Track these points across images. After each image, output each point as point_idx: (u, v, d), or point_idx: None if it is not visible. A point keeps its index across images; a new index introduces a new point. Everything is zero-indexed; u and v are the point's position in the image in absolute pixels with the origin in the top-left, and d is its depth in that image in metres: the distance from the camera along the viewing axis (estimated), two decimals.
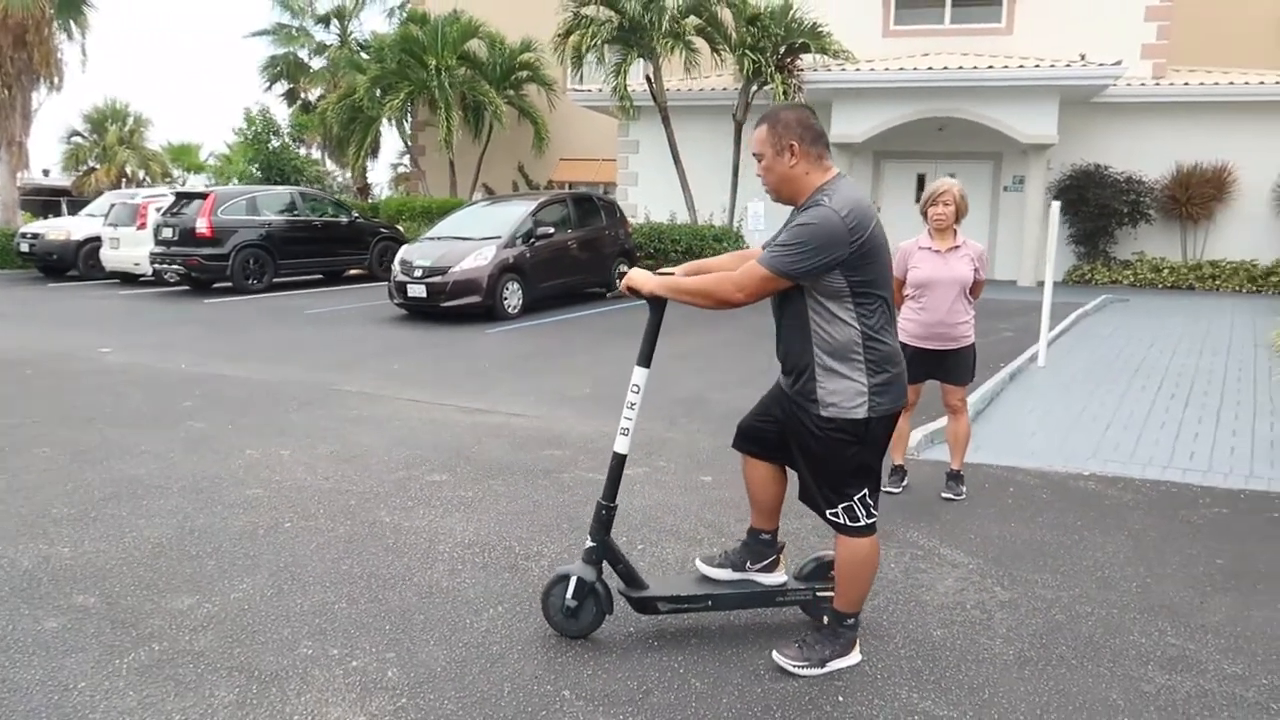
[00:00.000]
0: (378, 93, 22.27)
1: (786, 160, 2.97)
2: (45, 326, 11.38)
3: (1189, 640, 3.45)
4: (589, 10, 16.97)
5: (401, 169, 32.70)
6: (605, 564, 3.33)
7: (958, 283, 4.96)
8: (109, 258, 16.81)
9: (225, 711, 2.86)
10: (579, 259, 13.54)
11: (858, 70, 16.53)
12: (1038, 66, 15.57)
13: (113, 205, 17.74)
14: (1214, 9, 19.17)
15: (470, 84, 22.57)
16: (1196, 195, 16.46)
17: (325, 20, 29.61)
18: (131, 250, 16.30)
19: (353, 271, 17.47)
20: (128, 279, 16.87)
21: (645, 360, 3.25)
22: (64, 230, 18.41)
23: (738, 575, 3.48)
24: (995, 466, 5.71)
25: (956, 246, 5.01)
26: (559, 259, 13.08)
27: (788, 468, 3.38)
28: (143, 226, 16.19)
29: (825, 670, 3.16)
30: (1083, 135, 16.97)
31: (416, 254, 12.31)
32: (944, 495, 5.10)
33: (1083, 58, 15.58)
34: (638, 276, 3.19)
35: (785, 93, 15.79)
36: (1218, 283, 16.42)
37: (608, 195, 16.57)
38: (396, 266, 12.38)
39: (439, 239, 12.82)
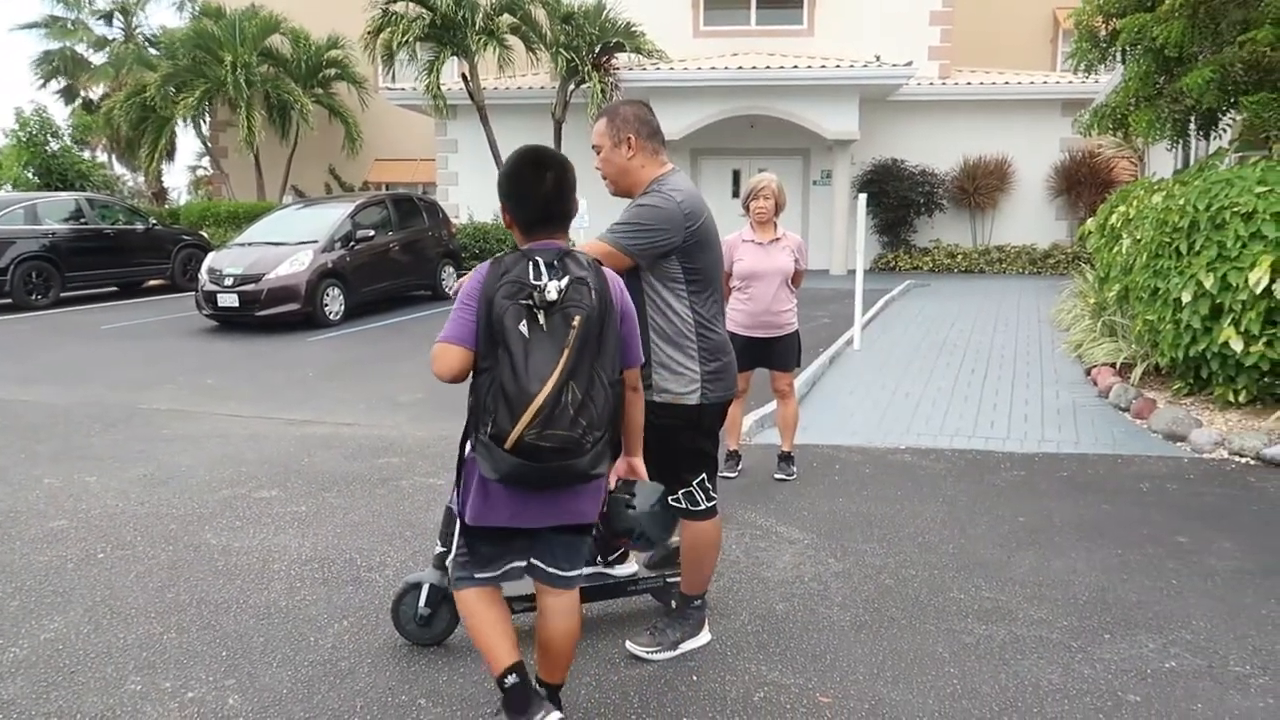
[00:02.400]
0: (170, 91, 20.87)
1: (624, 152, 3.05)
2: None
3: (1000, 592, 3.77)
4: (399, 7, 16.55)
5: (202, 172, 30.81)
6: None
7: (780, 273, 5.18)
8: None
9: None
10: (402, 262, 13.20)
11: (671, 69, 16.93)
12: (838, 67, 16.45)
13: None
14: (990, 15, 20.84)
15: (274, 82, 21.51)
16: (982, 186, 17.87)
17: (107, 14, 27.45)
18: None
19: (153, 282, 16.34)
20: None
21: None
22: None
23: (590, 570, 3.52)
24: (822, 446, 6.01)
25: (778, 239, 5.24)
26: (381, 262, 12.70)
27: None
28: None
29: (678, 652, 3.25)
30: (881, 131, 18.06)
31: (226, 261, 11.64)
32: (776, 476, 5.33)
33: (878, 59, 16.58)
34: None
35: (603, 91, 15.98)
36: (1004, 265, 17.87)
37: (428, 196, 16.21)
38: (204, 275, 11.67)
39: (250, 245, 12.17)
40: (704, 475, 3.16)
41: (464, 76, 17.06)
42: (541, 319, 2.24)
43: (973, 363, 8.70)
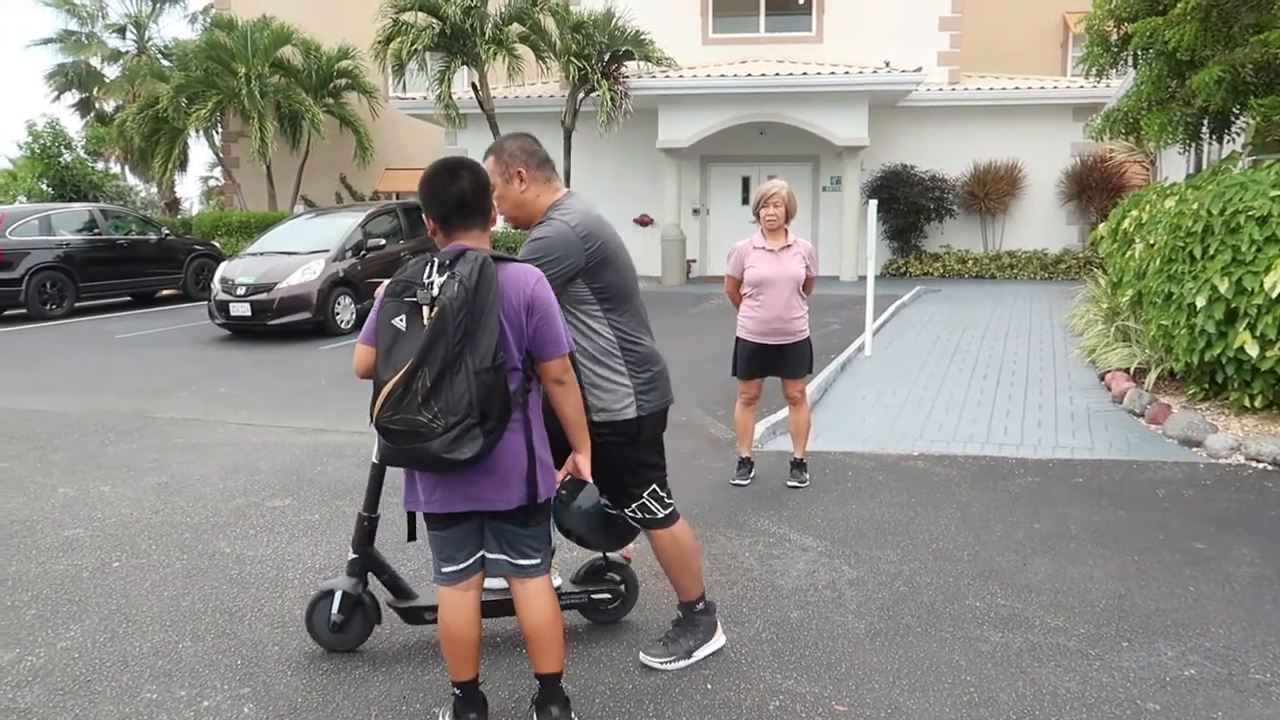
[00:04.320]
0: (183, 102, 20.99)
1: (517, 186, 3.06)
2: None
3: (1016, 600, 3.74)
4: (409, 17, 16.63)
5: (214, 182, 31.00)
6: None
7: (792, 279, 5.18)
8: None
9: None
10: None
11: (680, 77, 16.96)
12: (847, 73, 16.44)
13: None
14: (999, 20, 20.80)
15: (285, 93, 21.63)
16: (992, 191, 17.82)
17: (120, 28, 27.66)
18: None
19: (166, 292, 16.42)
20: None
21: None
22: None
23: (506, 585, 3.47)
24: (834, 453, 5.99)
25: (789, 245, 5.23)
26: (392, 271, 12.66)
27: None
28: None
29: (693, 660, 3.24)
30: (891, 137, 18.04)
31: (238, 270, 11.69)
32: (789, 483, 5.31)
33: (887, 65, 16.56)
34: None
35: (612, 99, 16.00)
36: (1015, 271, 17.80)
37: None
38: (216, 284, 11.73)
39: (262, 254, 12.23)
40: (654, 486, 3.18)
41: (474, 85, 17.12)
42: (424, 314, 2.38)
43: (985, 368, 8.66)
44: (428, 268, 2.43)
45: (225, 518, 4.84)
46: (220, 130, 23.86)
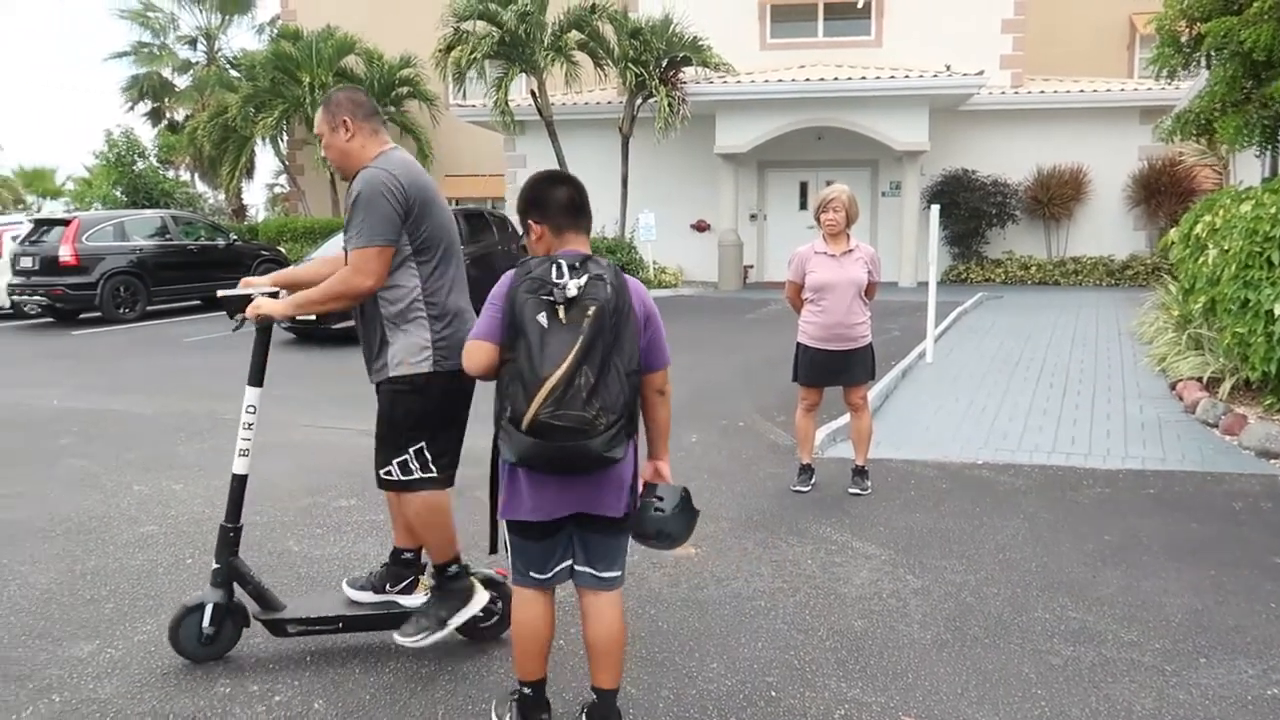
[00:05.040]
0: (251, 111, 21.54)
1: (343, 135, 3.14)
2: None
3: (1087, 613, 3.66)
4: (469, 25, 16.84)
5: (279, 189, 31.69)
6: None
7: (854, 285, 5.13)
8: None
9: None
10: (473, 275, 13.13)
11: (738, 82, 16.92)
12: (907, 77, 16.27)
13: None
14: (1064, 23, 20.40)
15: None
16: (1057, 196, 17.47)
17: (191, 40, 28.46)
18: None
19: None
20: None
21: (258, 379, 3.30)
22: None
23: (379, 597, 3.43)
24: (896, 460, 5.91)
25: (851, 250, 5.19)
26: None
27: None
28: None
29: (449, 629, 3.19)
30: (952, 141, 17.79)
31: None
32: (851, 490, 5.26)
33: (948, 68, 16.36)
34: (266, 305, 3.19)
35: (670, 105, 16.02)
36: (1080, 277, 17.42)
37: (497, 211, 16.44)
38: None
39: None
40: (423, 444, 3.13)
41: (532, 93, 17.28)
42: (561, 313, 2.38)
43: (1050, 376, 8.49)
44: (554, 269, 2.43)
45: (293, 517, 4.95)
46: (286, 138, 24.41)
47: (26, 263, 14.05)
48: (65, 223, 14.42)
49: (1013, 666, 3.23)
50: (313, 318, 11.44)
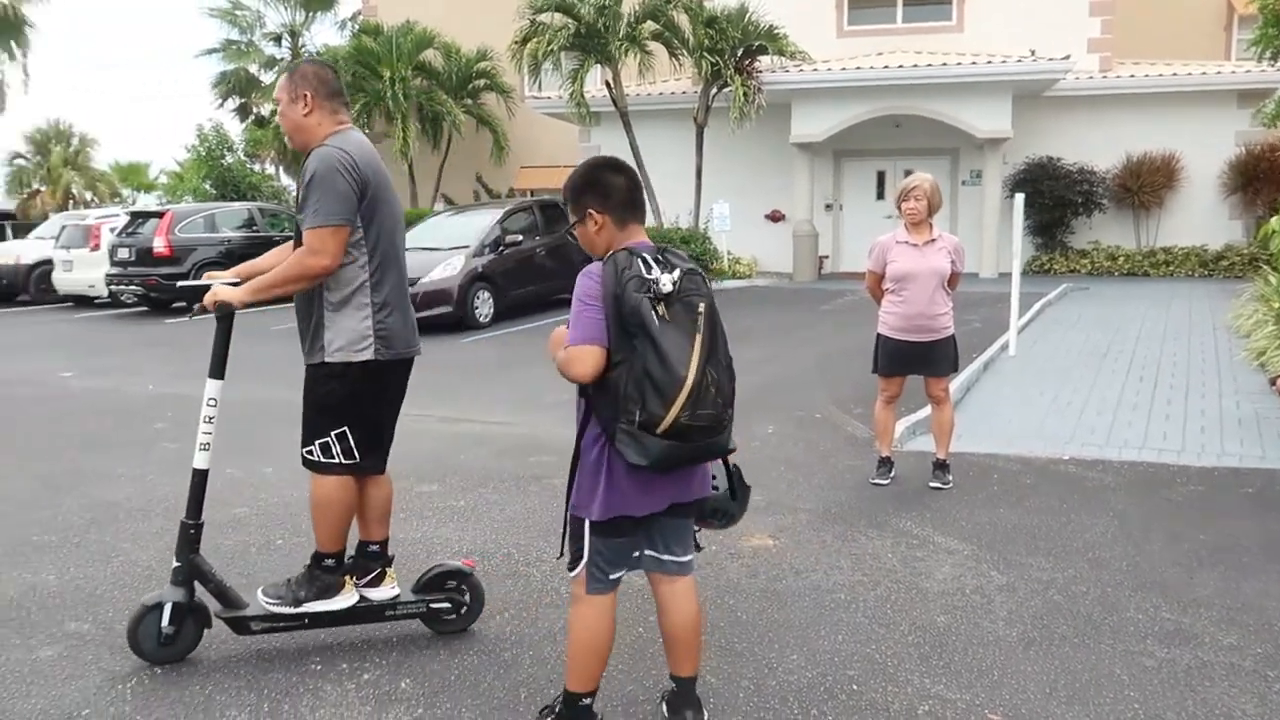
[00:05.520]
0: None
1: (300, 108, 3.11)
2: (1, 353, 11.11)
3: (1183, 615, 3.53)
4: (545, 17, 16.96)
5: None
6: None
7: (936, 275, 5.04)
8: (62, 281, 16.43)
9: None
10: (548, 266, 13.50)
11: (815, 70, 16.72)
12: (990, 63, 15.85)
13: (64, 227, 17.37)
14: (1156, 3, 19.64)
15: (427, 94, 22.42)
16: (1147, 184, 16.85)
17: (277, 37, 29.24)
18: (86, 272, 15.92)
19: None
20: (82, 302, 16.49)
21: (219, 371, 3.29)
22: (13, 254, 18.00)
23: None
24: (978, 454, 5.79)
25: (933, 240, 5.09)
26: (528, 266, 13.04)
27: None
28: (96, 248, 15.86)
29: (301, 610, 3.20)
30: (1035, 129, 17.28)
31: None
32: (931, 484, 5.17)
33: (1033, 53, 15.89)
34: (224, 292, 3.19)
35: (745, 94, 15.90)
36: (1171, 268, 16.80)
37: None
38: None
39: (405, 250, 12.70)
40: (345, 429, 3.13)
41: (607, 84, 17.33)
42: (662, 309, 2.32)
43: (1140, 370, 8.21)
44: (642, 264, 2.37)
45: None
46: (366, 131, 24.91)
47: (123, 254, 14.63)
48: (159, 215, 14.97)
49: (1104, 667, 3.14)
50: None
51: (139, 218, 15.29)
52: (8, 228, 28.92)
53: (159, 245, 14.32)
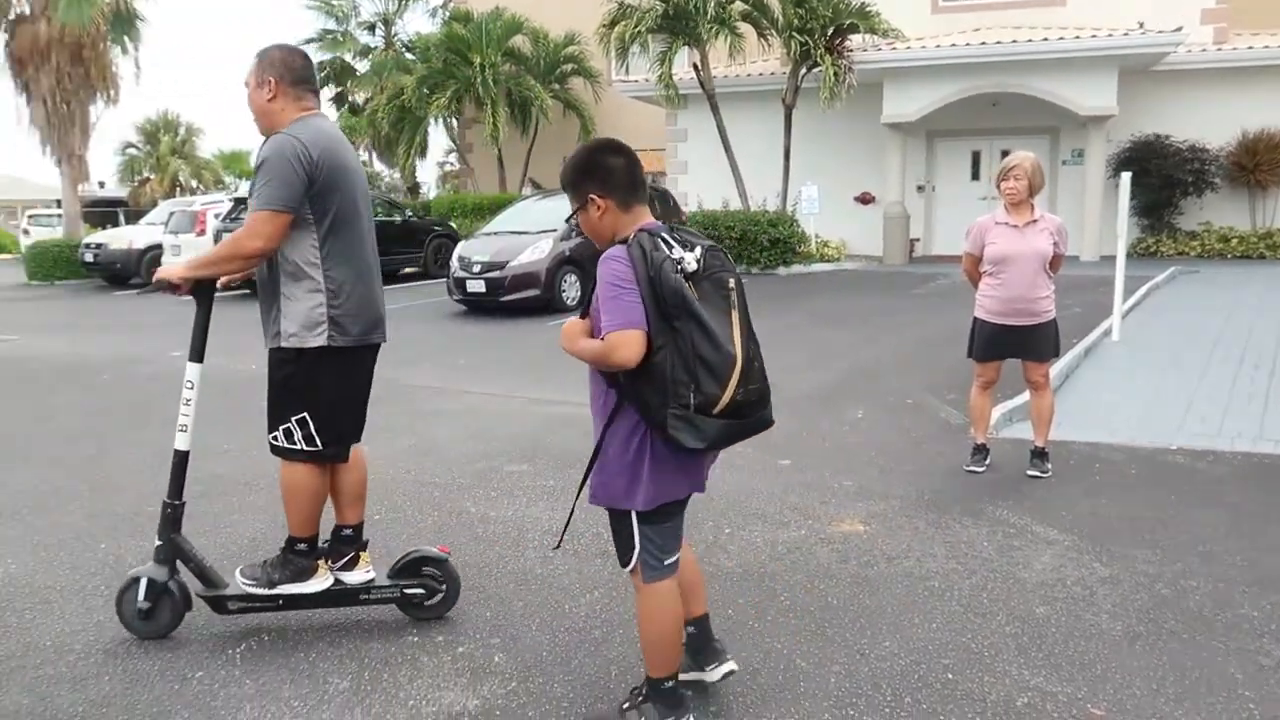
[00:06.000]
0: (425, 92, 22.46)
1: (264, 93, 3.15)
2: (115, 333, 11.68)
3: None
4: (633, 0, 16.92)
5: (449, 167, 33.01)
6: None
7: (1038, 257, 4.88)
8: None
9: (340, 698, 2.92)
10: None
11: (908, 48, 16.31)
12: (1094, 36, 15.21)
13: (172, 213, 18.15)
14: None
15: (515, 80, 22.68)
16: (1265, 162, 15.96)
17: (371, 25, 29.92)
18: (191, 257, 16.56)
19: (408, 270, 17.67)
20: None
21: (198, 355, 3.28)
22: (126, 240, 18.87)
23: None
24: (1078, 443, 5.60)
25: (1034, 221, 4.93)
26: None
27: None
28: (202, 233, 16.53)
29: (275, 592, 3.26)
30: (1142, 105, 16.53)
31: (474, 250, 12.42)
32: (1029, 473, 5.02)
33: (1141, 26, 15.18)
34: (167, 269, 3.23)
35: (835, 74, 15.60)
36: None
37: (659, 184, 16.54)
38: (454, 263, 12.50)
39: (495, 234, 12.92)
40: (305, 415, 3.15)
41: (695, 66, 17.22)
42: (691, 289, 2.31)
43: (1256, 357, 7.80)
44: (663, 244, 2.34)
45: (469, 480, 5.17)
46: (457, 117, 25.33)
47: (226, 238, 15.18)
48: None
49: (1216, 665, 3.01)
50: (483, 289, 11.88)
51: (242, 204, 15.85)
52: (120, 214, 30.37)
53: None
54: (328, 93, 30.99)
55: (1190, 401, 6.46)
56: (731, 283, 2.37)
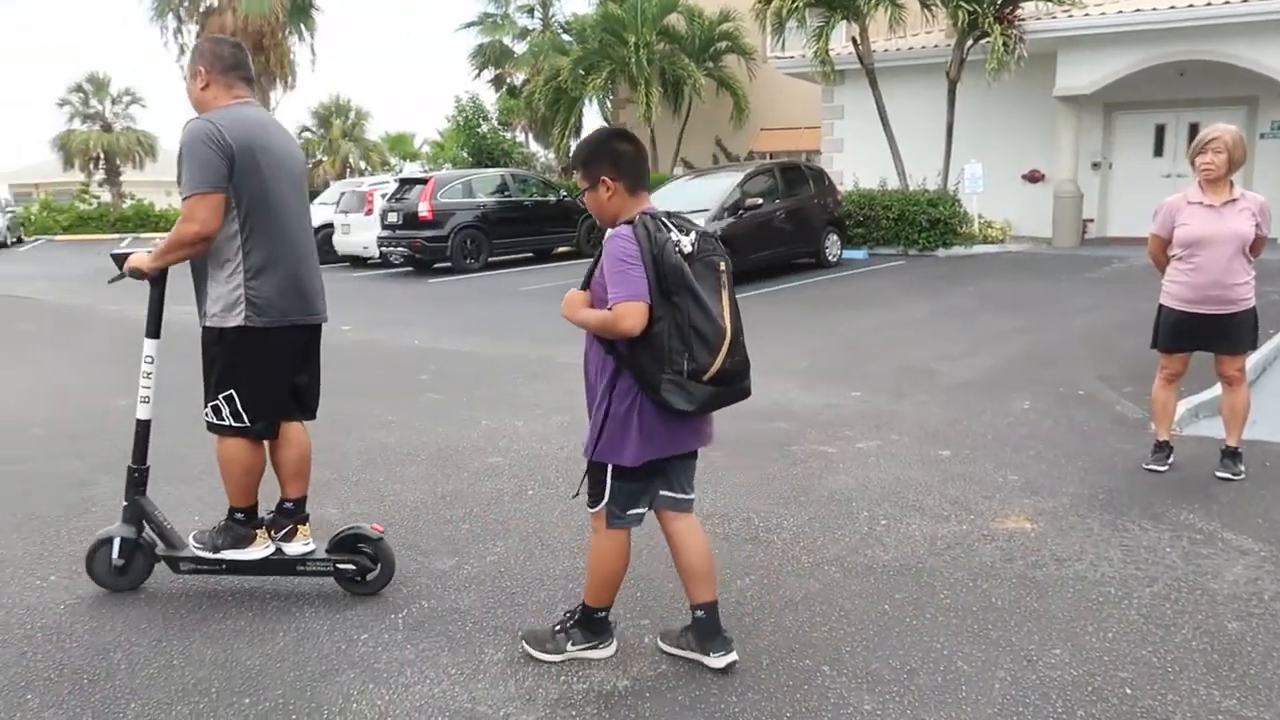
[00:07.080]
0: (580, 73, 22.74)
1: (198, 84, 3.25)
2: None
3: None
4: None
5: None
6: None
7: (1236, 239, 4.48)
8: (340, 243, 18.01)
9: (495, 669, 2.99)
10: (787, 229, 13.28)
11: (1086, 15, 15.29)
12: None
13: (342, 194, 19.06)
14: None
15: (669, 59, 22.66)
16: None
17: (529, 8, 30.52)
18: (360, 235, 17.36)
19: (561, 249, 17.98)
20: (357, 262, 18.02)
21: (155, 331, 3.42)
22: None
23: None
24: (1275, 444, 5.13)
25: (1233, 200, 4.52)
26: (767, 230, 12.88)
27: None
28: (369, 212, 17.28)
29: (218, 556, 3.44)
30: None
31: None
32: (1219, 474, 4.63)
33: None
34: (134, 258, 3.31)
35: (1005, 45, 14.80)
36: None
37: (814, 163, 16.17)
38: None
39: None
40: (231, 393, 3.26)
41: (853, 40, 16.71)
42: (689, 269, 2.58)
43: None
44: (664, 227, 2.63)
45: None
46: (611, 98, 25.55)
47: (392, 218, 15.88)
48: (423, 182, 16.10)
49: None
50: None
51: (406, 184, 16.50)
52: None
53: (423, 210, 15.41)
54: (486, 75, 31.85)
55: None
56: (722, 265, 2.66)
